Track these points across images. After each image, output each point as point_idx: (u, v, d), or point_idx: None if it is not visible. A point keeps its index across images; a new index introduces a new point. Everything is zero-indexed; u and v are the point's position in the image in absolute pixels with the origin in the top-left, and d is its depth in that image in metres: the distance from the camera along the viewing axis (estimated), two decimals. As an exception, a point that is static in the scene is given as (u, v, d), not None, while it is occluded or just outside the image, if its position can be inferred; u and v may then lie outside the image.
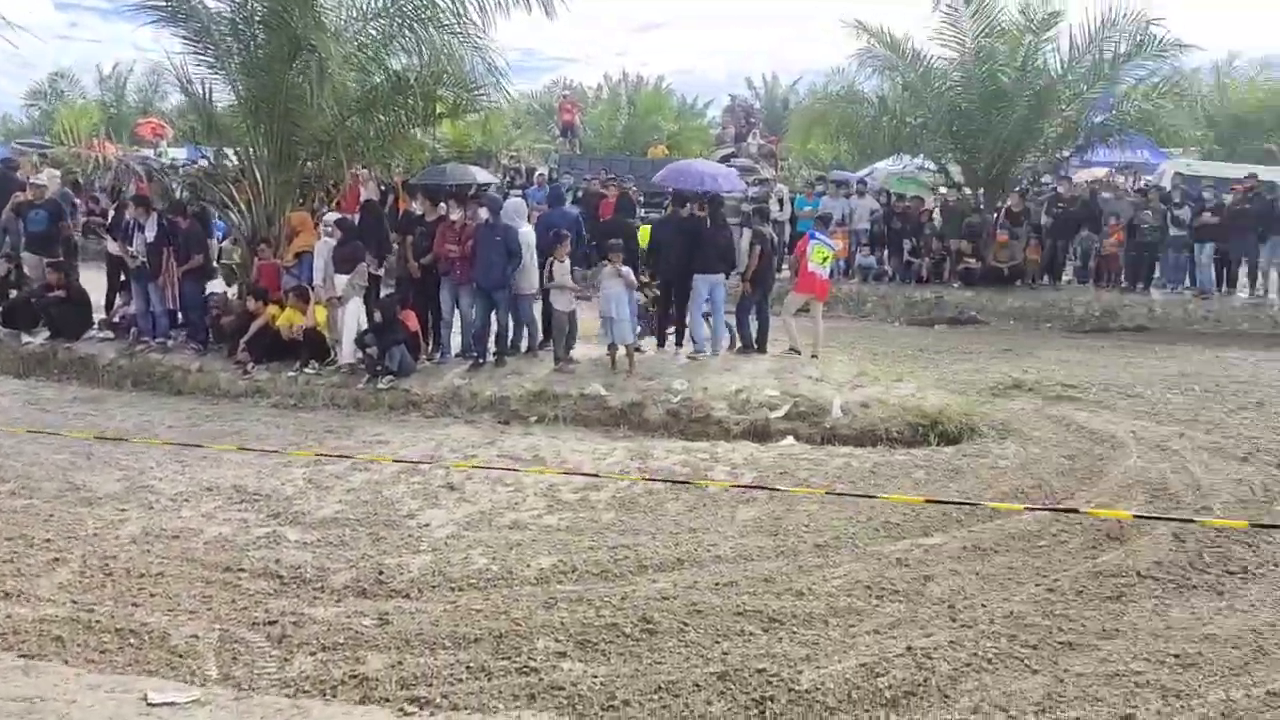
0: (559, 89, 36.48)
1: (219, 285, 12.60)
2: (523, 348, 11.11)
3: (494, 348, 10.84)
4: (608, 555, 6.21)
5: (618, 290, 10.17)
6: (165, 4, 11.80)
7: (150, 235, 11.54)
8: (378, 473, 7.93)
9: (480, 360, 10.73)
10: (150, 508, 7.13)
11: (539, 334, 11.19)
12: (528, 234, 10.76)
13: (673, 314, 11.23)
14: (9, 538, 6.42)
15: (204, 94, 12.36)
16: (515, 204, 11.77)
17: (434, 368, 10.87)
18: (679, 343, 11.18)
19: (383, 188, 15.57)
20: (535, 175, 23.38)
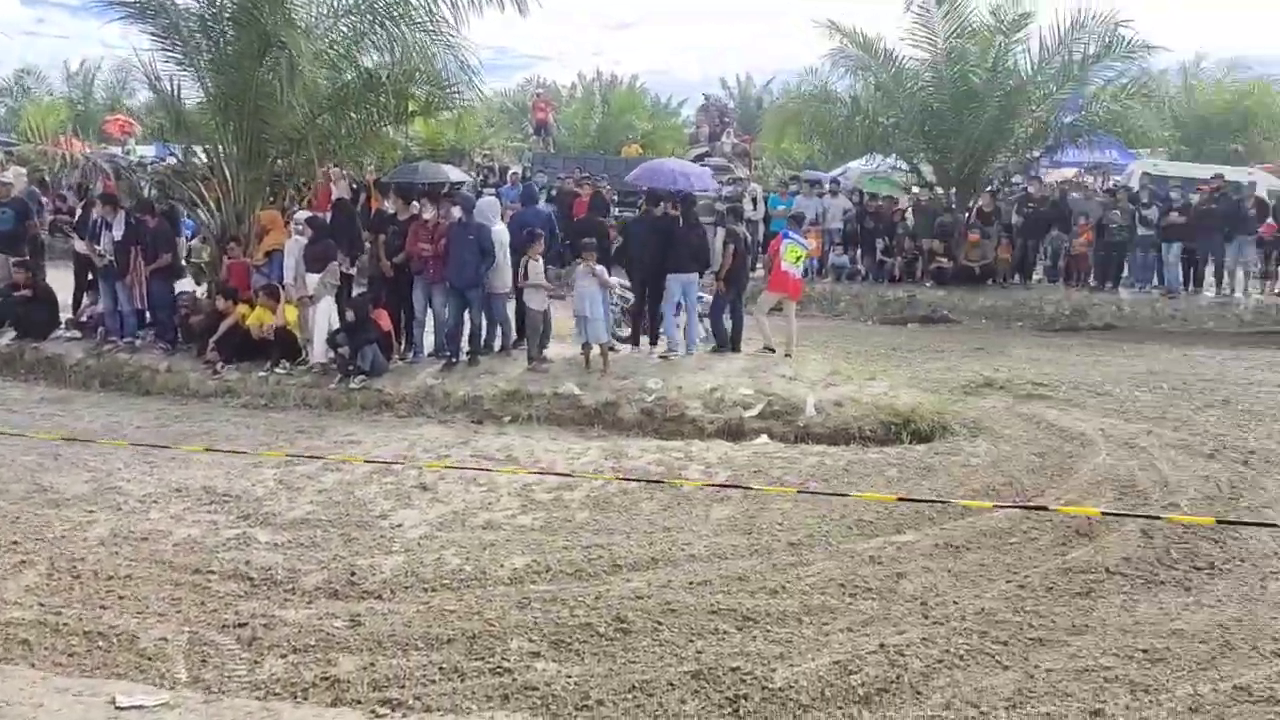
0: (532, 87, 36.49)
1: (188, 284, 12.48)
2: (496, 347, 11.06)
3: (467, 347, 10.81)
4: (582, 555, 6.20)
5: (591, 289, 10.16)
6: (133, 0, 11.68)
7: (118, 234, 11.41)
8: (350, 473, 7.88)
9: (453, 360, 10.69)
10: (118, 509, 7.04)
11: (512, 333, 11.15)
12: (501, 233, 10.71)
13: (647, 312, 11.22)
14: (-27, 541, 6.31)
15: (172, 91, 12.29)
16: (489, 203, 11.71)
17: (407, 367, 10.81)
18: (653, 342, 11.19)
19: (354, 186, 15.48)
20: (509, 174, 23.36)
